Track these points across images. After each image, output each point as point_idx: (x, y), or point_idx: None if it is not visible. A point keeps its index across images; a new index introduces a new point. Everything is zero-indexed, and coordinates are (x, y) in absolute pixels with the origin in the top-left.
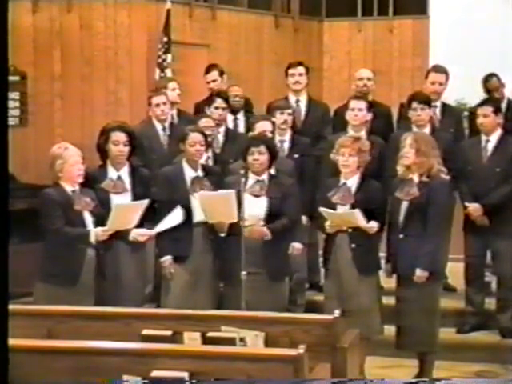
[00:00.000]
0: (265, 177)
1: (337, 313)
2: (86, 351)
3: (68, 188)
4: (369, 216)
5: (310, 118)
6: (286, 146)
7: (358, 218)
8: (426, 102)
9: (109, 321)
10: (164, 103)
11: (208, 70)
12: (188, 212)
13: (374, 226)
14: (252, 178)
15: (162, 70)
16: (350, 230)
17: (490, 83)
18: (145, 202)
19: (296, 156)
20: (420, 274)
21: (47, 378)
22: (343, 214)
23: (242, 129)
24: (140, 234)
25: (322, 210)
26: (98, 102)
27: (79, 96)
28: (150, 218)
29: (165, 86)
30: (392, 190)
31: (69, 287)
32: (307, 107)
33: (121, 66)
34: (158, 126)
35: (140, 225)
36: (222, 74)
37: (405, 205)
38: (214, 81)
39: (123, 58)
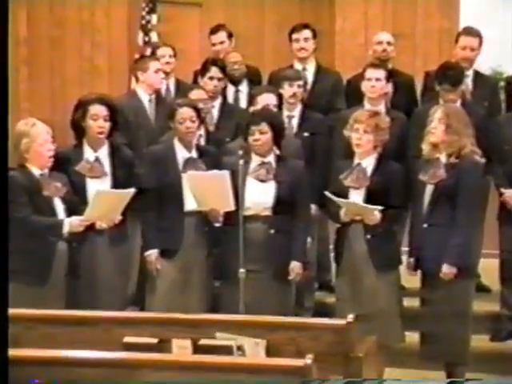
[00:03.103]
0: (271, 158)
1: (350, 317)
2: (58, 361)
3: (35, 171)
4: (387, 203)
5: (319, 90)
6: (295, 122)
7: (367, 207)
8: (459, 81)
9: (85, 326)
10: (161, 70)
11: (215, 30)
12: (179, 199)
13: (375, 214)
14: (255, 160)
15: (147, 34)
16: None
17: None
18: (131, 191)
19: (306, 134)
20: (447, 269)
21: None
22: (347, 203)
23: (244, 103)
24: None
25: (327, 194)
26: (70, 71)
27: (48, 64)
28: (134, 205)
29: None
30: (415, 172)
31: (37, 287)
32: (315, 77)
33: (98, 28)
34: (144, 98)
35: (123, 213)
36: (230, 36)
37: (430, 189)
38: (221, 43)
39: (101, 20)
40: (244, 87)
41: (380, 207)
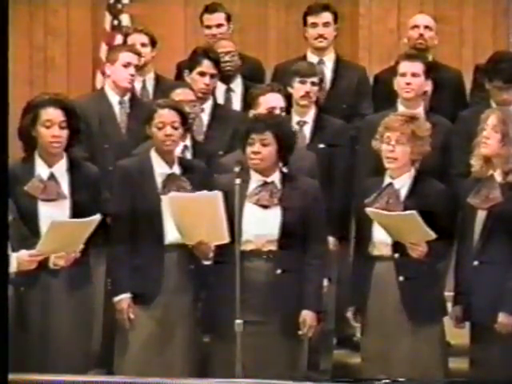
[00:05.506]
0: (275, 177)
1: (382, 382)
2: None
3: None
4: None
5: (339, 89)
6: (308, 130)
7: (427, 230)
8: None
9: None
10: (136, 66)
11: (211, 10)
12: (157, 228)
13: (424, 245)
14: (256, 180)
15: (116, 16)
16: (396, 256)
17: None
18: (95, 219)
19: (322, 146)
20: (504, 320)
21: None
22: (395, 217)
23: (238, 105)
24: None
25: (369, 210)
26: (18, 64)
27: None
28: (99, 237)
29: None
30: (463, 195)
31: None
32: (334, 72)
33: (53, 8)
34: (114, 99)
35: (84, 246)
36: (229, 19)
37: (481, 216)
38: (218, 26)
39: None
40: (237, 86)
41: (434, 234)
